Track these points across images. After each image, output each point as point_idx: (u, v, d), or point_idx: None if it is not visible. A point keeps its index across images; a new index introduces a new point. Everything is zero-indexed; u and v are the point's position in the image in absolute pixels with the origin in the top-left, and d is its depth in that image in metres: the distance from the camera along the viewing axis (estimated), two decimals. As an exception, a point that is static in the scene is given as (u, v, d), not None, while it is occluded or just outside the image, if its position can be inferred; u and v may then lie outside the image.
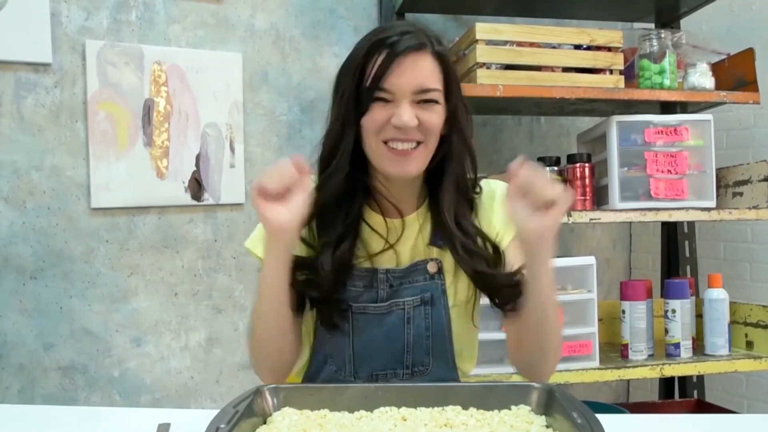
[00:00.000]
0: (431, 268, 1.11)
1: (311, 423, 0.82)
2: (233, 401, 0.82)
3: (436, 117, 1.06)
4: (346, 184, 1.09)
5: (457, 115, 1.09)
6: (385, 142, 1.05)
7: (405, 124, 1.02)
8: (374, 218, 1.13)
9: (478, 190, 1.16)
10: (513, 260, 1.09)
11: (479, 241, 1.10)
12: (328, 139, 1.10)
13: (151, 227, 2.00)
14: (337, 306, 1.09)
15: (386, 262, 1.12)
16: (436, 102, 1.06)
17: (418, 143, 1.06)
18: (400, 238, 1.12)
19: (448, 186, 1.10)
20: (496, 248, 1.10)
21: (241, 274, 2.11)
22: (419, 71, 1.04)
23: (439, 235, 1.11)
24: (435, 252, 1.12)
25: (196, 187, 2.03)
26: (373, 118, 1.05)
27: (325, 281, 1.06)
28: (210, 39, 2.07)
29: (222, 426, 0.73)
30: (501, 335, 1.27)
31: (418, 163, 1.07)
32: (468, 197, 1.14)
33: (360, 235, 1.11)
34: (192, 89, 2.02)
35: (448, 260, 1.11)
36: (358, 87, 1.05)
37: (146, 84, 1.96)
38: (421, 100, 1.04)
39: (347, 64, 1.08)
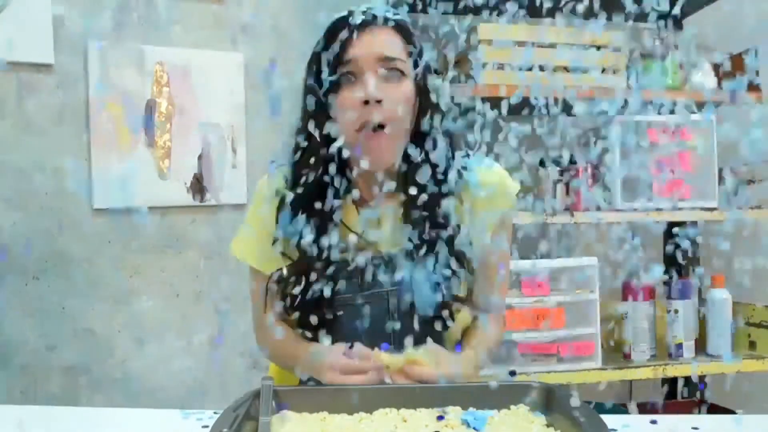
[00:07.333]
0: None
1: (312, 426, 0.82)
2: (233, 404, 0.82)
3: (403, 89, 1.04)
4: (318, 182, 1.06)
5: (427, 86, 1.07)
6: (357, 131, 1.03)
7: (371, 94, 1.00)
8: (349, 210, 1.11)
9: (462, 172, 1.11)
10: (491, 252, 1.11)
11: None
12: (298, 136, 1.10)
13: (154, 228, 2.00)
14: (331, 304, 1.07)
15: (366, 250, 1.09)
16: (401, 73, 1.04)
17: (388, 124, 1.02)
18: (377, 227, 1.09)
19: (420, 168, 1.05)
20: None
21: (244, 274, 2.10)
22: (378, 40, 1.04)
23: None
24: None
25: (198, 187, 2.03)
26: (342, 102, 1.04)
27: (321, 278, 1.05)
28: (212, 39, 2.07)
29: (225, 430, 0.73)
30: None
31: (390, 146, 1.04)
32: (447, 178, 1.08)
33: (337, 228, 1.08)
34: (194, 90, 2.02)
35: None
36: (321, 72, 1.05)
37: (148, 85, 1.96)
38: (387, 69, 1.03)
39: (312, 54, 1.09)
